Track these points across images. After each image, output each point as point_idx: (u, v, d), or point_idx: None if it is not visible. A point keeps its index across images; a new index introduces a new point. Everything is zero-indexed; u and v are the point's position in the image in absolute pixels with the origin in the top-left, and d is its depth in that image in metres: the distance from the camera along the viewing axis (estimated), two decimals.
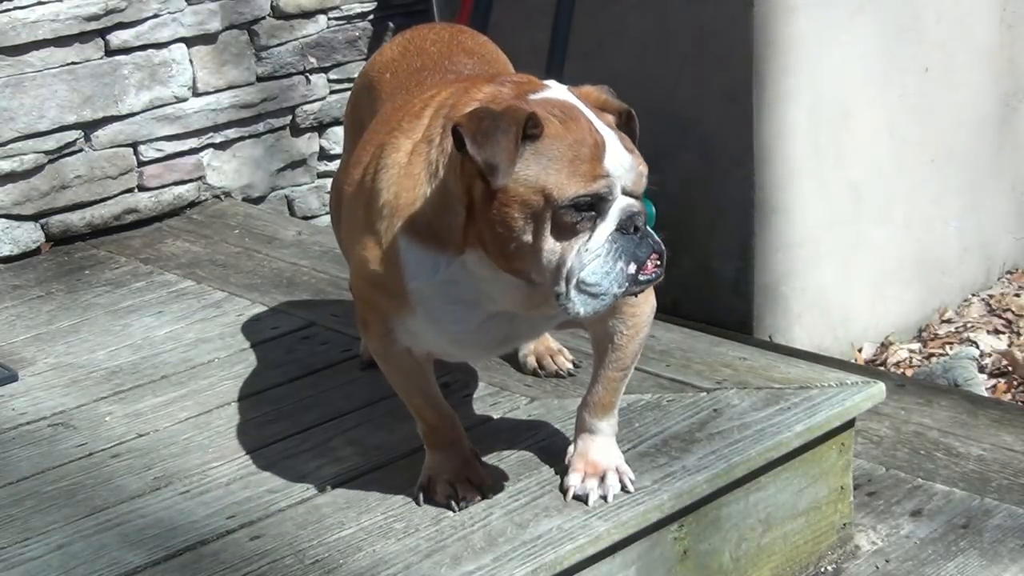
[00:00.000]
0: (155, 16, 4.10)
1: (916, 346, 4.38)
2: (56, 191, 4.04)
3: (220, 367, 3.10)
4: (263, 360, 3.11)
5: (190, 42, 4.19)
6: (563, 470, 2.44)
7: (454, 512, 2.36)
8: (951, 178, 4.52)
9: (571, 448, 2.46)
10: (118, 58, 4.07)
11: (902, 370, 4.19)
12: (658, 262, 2.09)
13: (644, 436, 2.58)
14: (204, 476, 2.58)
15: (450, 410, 2.43)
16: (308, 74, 4.46)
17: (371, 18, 4.58)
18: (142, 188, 4.21)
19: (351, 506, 2.42)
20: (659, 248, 2.09)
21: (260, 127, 4.41)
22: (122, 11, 4.03)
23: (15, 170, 3.95)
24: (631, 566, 2.40)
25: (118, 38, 4.05)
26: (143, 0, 4.07)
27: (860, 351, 4.32)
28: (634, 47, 4.20)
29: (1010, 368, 4.10)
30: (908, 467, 3.14)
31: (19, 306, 3.59)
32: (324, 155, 4.58)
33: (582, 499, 2.37)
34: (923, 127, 4.39)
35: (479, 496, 2.38)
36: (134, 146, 4.16)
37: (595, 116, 2.09)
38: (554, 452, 2.53)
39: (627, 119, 2.16)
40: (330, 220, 3.10)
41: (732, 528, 2.57)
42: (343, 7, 4.50)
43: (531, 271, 2.08)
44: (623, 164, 2.06)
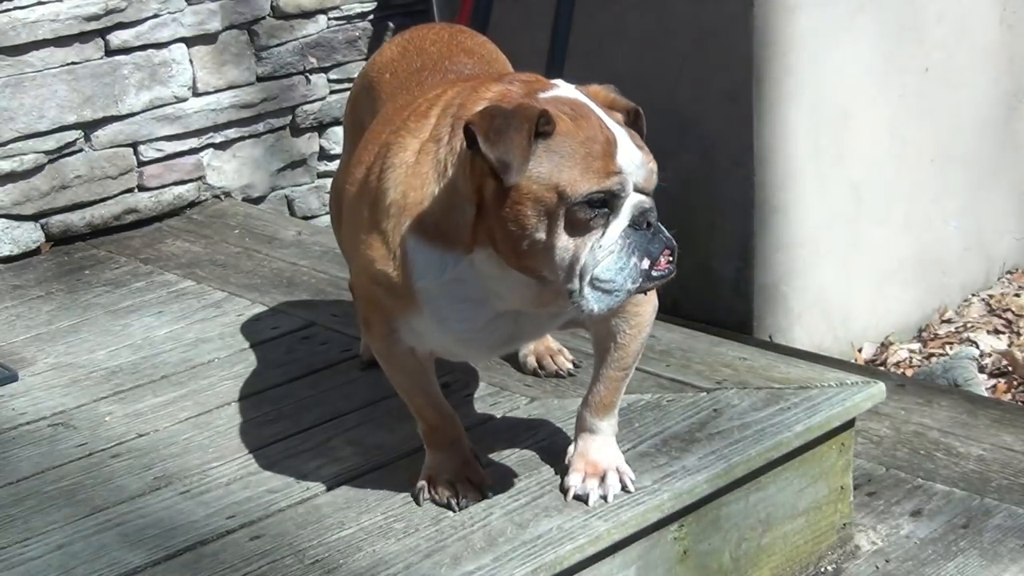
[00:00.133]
0: (155, 16, 4.10)
1: (916, 346, 4.37)
2: (56, 191, 4.04)
3: (220, 367, 3.09)
4: (263, 360, 3.11)
5: (190, 42, 4.19)
6: (563, 470, 2.44)
7: (454, 512, 2.35)
8: (951, 178, 4.52)
9: (571, 448, 2.46)
10: (118, 58, 4.07)
11: (902, 370, 4.19)
12: (670, 258, 2.09)
13: (644, 436, 2.58)
14: (204, 476, 2.58)
15: (451, 410, 2.43)
16: (308, 74, 4.46)
17: (371, 18, 4.58)
18: (142, 188, 4.21)
19: (351, 506, 2.42)
20: (671, 244, 2.09)
21: (260, 127, 4.41)
22: (122, 11, 4.03)
23: (15, 170, 3.95)
24: (631, 566, 2.40)
25: (118, 38, 4.05)
26: (143, 0, 4.07)
27: (860, 351, 4.32)
28: (634, 47, 4.20)
29: (1010, 368, 4.10)
30: (908, 467, 3.14)
31: (19, 306, 3.59)
32: (324, 155, 4.57)
33: (583, 499, 2.37)
34: (923, 127, 4.39)
35: (479, 496, 2.38)
36: (134, 146, 4.16)
37: (605, 114, 2.09)
38: (554, 452, 2.53)
39: (635, 117, 2.16)
40: (330, 220, 3.10)
41: (732, 528, 2.57)
42: (343, 7, 4.50)
43: (543, 269, 2.07)
44: (635, 161, 2.06)
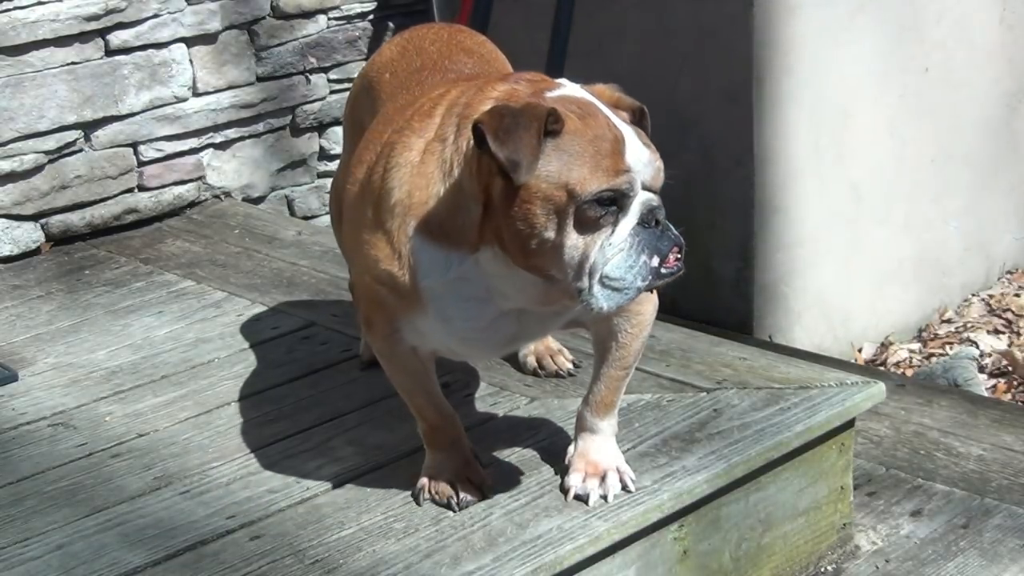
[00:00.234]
0: (155, 16, 4.10)
1: (916, 346, 4.37)
2: (56, 191, 4.04)
3: (220, 367, 3.09)
4: (263, 360, 3.11)
5: (190, 42, 4.19)
6: (563, 470, 2.44)
7: (454, 512, 2.35)
8: (951, 178, 4.52)
9: (571, 448, 2.46)
10: (118, 58, 4.07)
11: (902, 370, 4.19)
12: (679, 255, 2.09)
13: (644, 436, 2.58)
14: (204, 476, 2.58)
15: (451, 410, 2.43)
16: (308, 74, 4.46)
17: (371, 18, 4.58)
18: (142, 188, 4.21)
19: (351, 506, 2.42)
20: (679, 241, 2.10)
21: (260, 127, 4.41)
22: (122, 11, 4.02)
23: (15, 170, 3.95)
24: (631, 566, 2.40)
25: (118, 38, 4.05)
26: (143, 0, 4.07)
27: (860, 351, 4.32)
28: (634, 47, 4.20)
29: (1010, 368, 4.10)
30: (908, 467, 3.14)
31: (19, 306, 3.59)
32: (324, 155, 4.57)
33: (583, 499, 2.37)
34: (923, 127, 4.39)
35: (479, 496, 2.38)
36: (134, 146, 4.16)
37: (611, 113, 2.09)
38: (554, 452, 2.53)
39: (640, 116, 2.17)
40: (330, 220, 3.10)
41: (732, 528, 2.57)
42: (343, 7, 4.50)
43: (552, 267, 2.07)
44: (643, 159, 2.07)
